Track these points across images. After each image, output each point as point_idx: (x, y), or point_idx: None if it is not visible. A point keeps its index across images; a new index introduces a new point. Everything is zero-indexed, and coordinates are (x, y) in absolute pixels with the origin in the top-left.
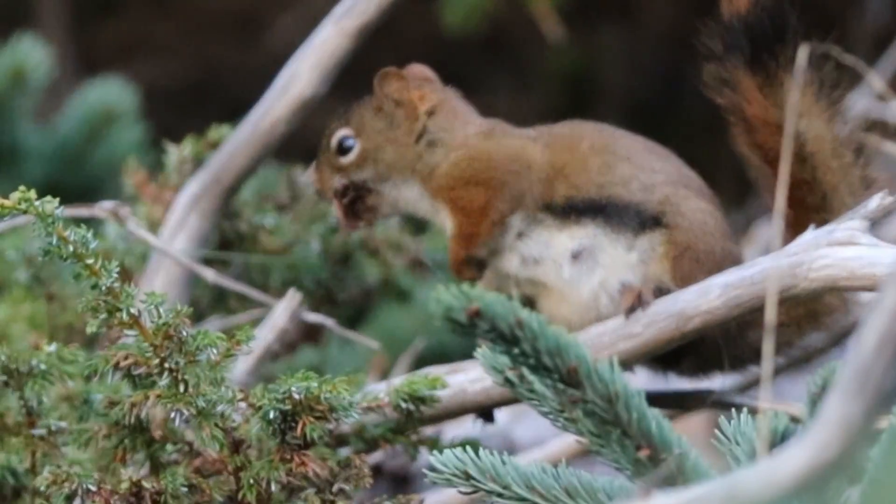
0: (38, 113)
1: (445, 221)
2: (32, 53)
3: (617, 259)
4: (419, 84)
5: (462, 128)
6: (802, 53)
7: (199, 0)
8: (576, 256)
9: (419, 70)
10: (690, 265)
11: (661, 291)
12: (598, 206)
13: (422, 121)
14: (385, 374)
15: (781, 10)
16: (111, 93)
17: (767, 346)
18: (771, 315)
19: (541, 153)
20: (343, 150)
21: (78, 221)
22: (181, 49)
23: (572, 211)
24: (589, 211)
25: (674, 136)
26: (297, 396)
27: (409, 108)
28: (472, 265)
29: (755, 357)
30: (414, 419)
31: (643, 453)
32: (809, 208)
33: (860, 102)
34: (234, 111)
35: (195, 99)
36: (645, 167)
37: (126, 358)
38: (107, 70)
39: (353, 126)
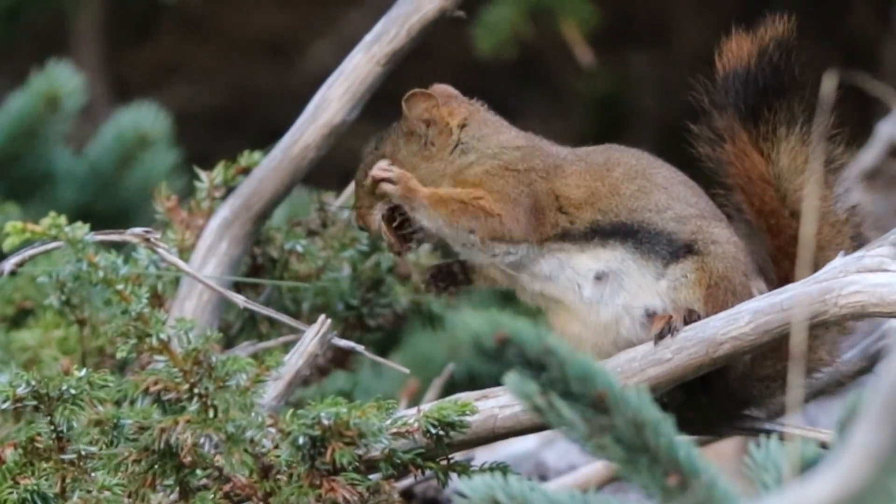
0: (72, 138)
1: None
2: (67, 79)
3: (644, 286)
4: (446, 100)
5: (495, 135)
6: (830, 83)
7: (233, 25)
8: (599, 278)
9: (442, 88)
10: (725, 296)
11: (690, 318)
12: (628, 229)
13: (455, 134)
14: (416, 400)
15: (788, 62)
16: (144, 118)
17: (796, 373)
18: (801, 341)
19: (566, 184)
20: (381, 179)
21: (109, 247)
22: (215, 74)
23: (596, 234)
24: (618, 234)
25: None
26: (326, 422)
27: (441, 124)
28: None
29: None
30: (444, 445)
31: (672, 480)
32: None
33: (887, 129)
34: (269, 136)
35: (230, 124)
36: (681, 199)
37: (156, 383)
38: (141, 95)
39: (387, 154)
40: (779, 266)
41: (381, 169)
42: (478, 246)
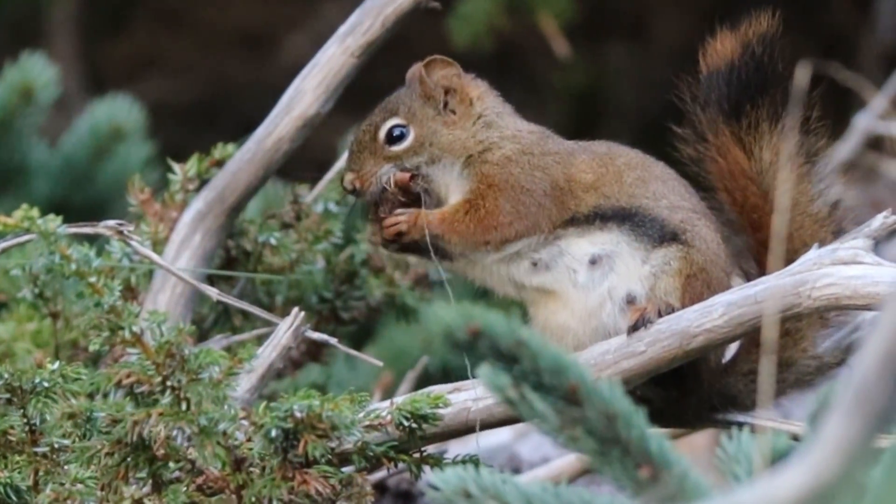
0: (47, 131)
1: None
2: (41, 72)
3: (632, 269)
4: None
5: (511, 117)
6: (804, 75)
7: (208, 18)
8: (594, 262)
9: (444, 59)
10: (702, 288)
11: (665, 311)
12: (627, 213)
13: (477, 106)
14: (390, 392)
15: (772, 57)
16: (119, 111)
17: (767, 366)
18: (773, 333)
19: (578, 169)
20: (394, 138)
21: (82, 239)
22: (191, 67)
23: (598, 217)
24: (616, 217)
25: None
26: (298, 415)
27: (462, 94)
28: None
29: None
30: (416, 437)
31: (644, 472)
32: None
33: (864, 122)
34: (244, 129)
35: (205, 116)
36: (675, 191)
37: (129, 376)
38: (116, 88)
39: (402, 115)
40: (761, 263)
41: (392, 224)
42: (492, 253)
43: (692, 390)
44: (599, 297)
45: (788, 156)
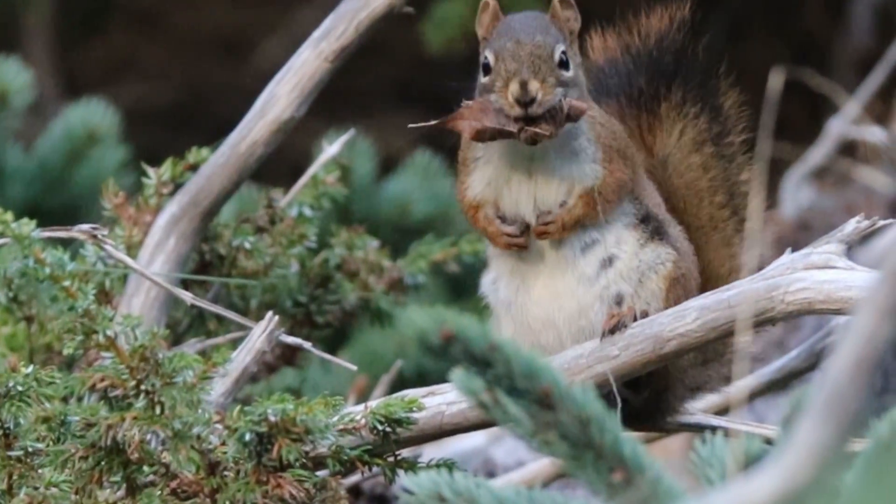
0: (21, 135)
1: (586, 175)
2: (15, 76)
3: (626, 266)
4: None
5: None
6: (777, 80)
7: (183, 22)
8: (608, 259)
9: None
10: (682, 293)
11: (640, 316)
12: (636, 209)
13: (579, 56)
14: (365, 396)
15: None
16: (94, 115)
17: (741, 370)
18: (746, 338)
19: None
20: (564, 63)
21: (57, 243)
22: (165, 71)
23: (647, 217)
24: (629, 214)
25: None
26: (272, 419)
27: (574, 39)
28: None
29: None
30: (391, 441)
31: (617, 476)
32: None
33: (836, 127)
34: (219, 133)
35: (180, 121)
36: (656, 194)
37: (103, 380)
38: (91, 92)
39: (564, 44)
40: None
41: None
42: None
43: (664, 389)
44: (594, 294)
45: (761, 162)
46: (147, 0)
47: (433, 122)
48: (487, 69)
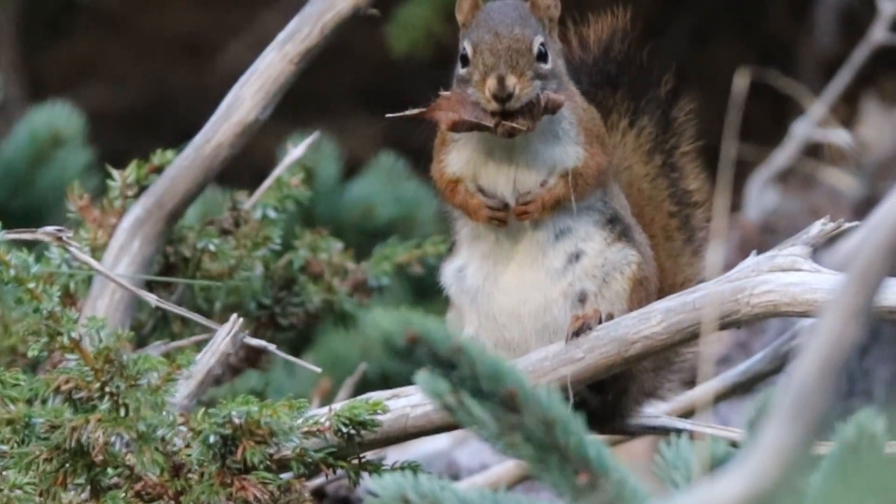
0: None
1: (568, 156)
2: None
3: (592, 264)
4: None
5: None
6: (742, 81)
7: (148, 24)
8: (575, 254)
9: None
10: (644, 295)
11: (605, 319)
12: (603, 208)
13: (558, 43)
14: (329, 399)
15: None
16: (58, 117)
17: (706, 372)
18: (712, 340)
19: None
20: (542, 56)
21: (21, 245)
22: (130, 74)
23: (595, 211)
24: (595, 210)
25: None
26: (237, 421)
27: (553, 26)
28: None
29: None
30: (355, 444)
31: (582, 478)
32: None
33: (801, 129)
34: (184, 136)
35: (145, 123)
36: (623, 196)
37: (67, 382)
38: (55, 94)
39: (542, 35)
40: None
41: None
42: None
43: (623, 391)
44: (559, 290)
45: (726, 164)
46: (112, 3)
47: (410, 113)
48: (465, 61)
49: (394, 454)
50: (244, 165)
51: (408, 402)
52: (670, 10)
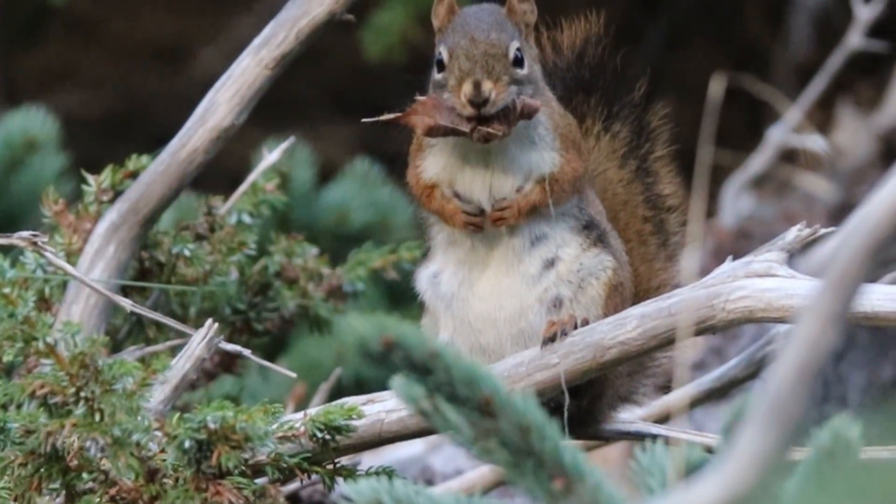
0: None
1: (544, 162)
2: None
3: (567, 269)
4: None
5: None
6: (718, 86)
7: (122, 30)
8: (550, 260)
9: None
10: (620, 301)
11: (581, 324)
12: (578, 213)
13: (535, 48)
14: (304, 404)
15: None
16: (33, 122)
17: (681, 378)
18: (687, 346)
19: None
20: (518, 61)
21: None
22: (105, 79)
23: (590, 224)
24: (571, 216)
25: None
26: (212, 426)
27: (530, 31)
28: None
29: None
30: (330, 449)
31: (557, 483)
32: None
33: (777, 134)
34: (159, 141)
35: (119, 129)
36: (598, 201)
37: (42, 386)
38: (30, 100)
39: (518, 40)
40: None
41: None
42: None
43: (599, 395)
44: (535, 295)
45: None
46: (86, 9)
47: (386, 118)
48: (441, 66)
49: (368, 459)
50: (219, 170)
51: (383, 408)
52: (645, 16)
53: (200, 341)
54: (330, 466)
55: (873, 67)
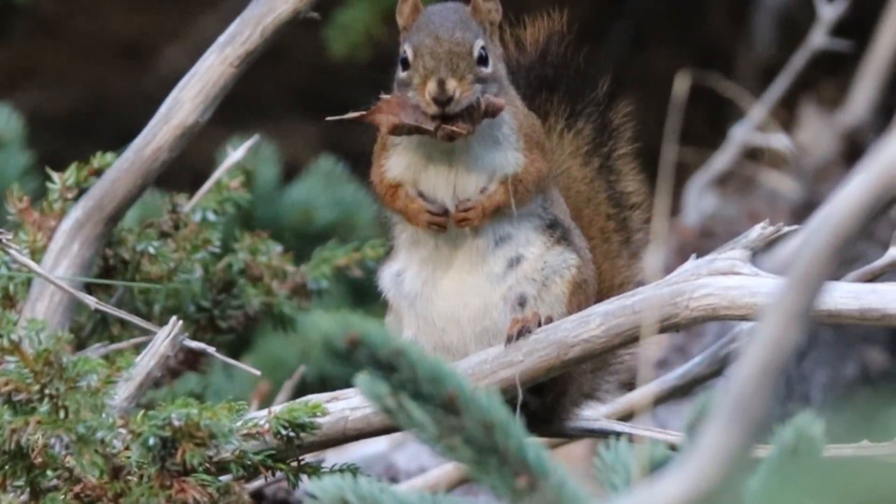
0: None
1: (508, 162)
2: None
3: (532, 268)
4: None
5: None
6: (682, 84)
7: (86, 28)
8: (514, 259)
9: None
10: (584, 299)
11: (545, 322)
12: (542, 212)
13: (499, 47)
14: (268, 401)
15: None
16: None
17: (645, 376)
18: (651, 344)
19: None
20: (483, 60)
21: None
22: (69, 77)
23: (554, 223)
24: (535, 216)
25: None
26: (176, 423)
27: (494, 30)
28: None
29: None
30: (294, 446)
31: (521, 481)
32: None
33: (741, 132)
34: (123, 139)
35: (84, 126)
36: (563, 201)
37: (6, 384)
38: None
39: (483, 39)
40: None
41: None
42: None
43: (563, 392)
44: (499, 294)
45: (667, 165)
46: (50, 6)
47: (351, 116)
48: (406, 64)
49: (333, 457)
50: (184, 168)
51: (347, 405)
52: (609, 14)
53: (165, 339)
54: (294, 464)
55: (837, 66)
